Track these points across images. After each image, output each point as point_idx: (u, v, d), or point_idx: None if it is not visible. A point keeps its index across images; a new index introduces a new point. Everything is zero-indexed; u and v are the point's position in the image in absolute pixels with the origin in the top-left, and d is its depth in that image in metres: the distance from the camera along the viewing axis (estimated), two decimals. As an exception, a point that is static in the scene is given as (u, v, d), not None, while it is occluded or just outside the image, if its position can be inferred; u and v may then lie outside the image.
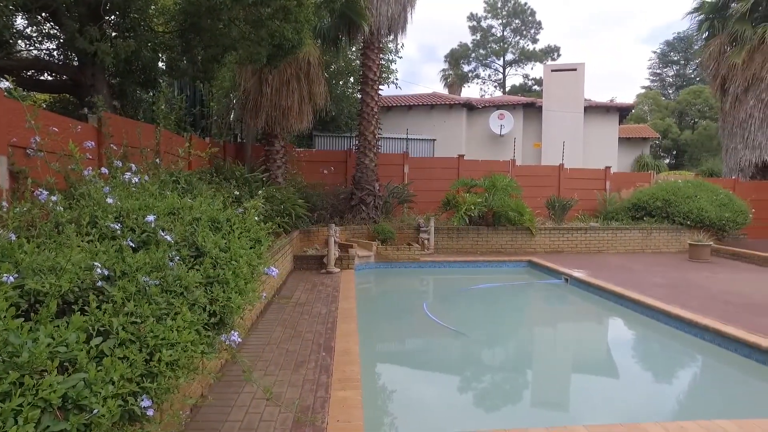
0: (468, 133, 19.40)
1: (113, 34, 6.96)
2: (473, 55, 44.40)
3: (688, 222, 13.39)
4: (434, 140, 17.44)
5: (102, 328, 1.97)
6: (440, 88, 39.10)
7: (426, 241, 12.03)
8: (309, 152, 14.27)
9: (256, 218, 3.66)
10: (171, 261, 2.51)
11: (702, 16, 19.67)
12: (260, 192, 8.23)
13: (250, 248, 3.15)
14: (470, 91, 56.70)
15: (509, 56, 44.30)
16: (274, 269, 3.16)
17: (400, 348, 6.55)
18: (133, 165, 4.21)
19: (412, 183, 14.11)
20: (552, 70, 19.13)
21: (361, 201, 12.43)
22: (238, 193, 6.63)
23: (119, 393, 1.78)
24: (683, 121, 37.69)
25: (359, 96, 13.28)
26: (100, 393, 1.70)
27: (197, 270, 2.63)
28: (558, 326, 8.10)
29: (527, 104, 19.61)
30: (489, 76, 45.87)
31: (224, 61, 7.89)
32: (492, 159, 16.42)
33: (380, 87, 13.01)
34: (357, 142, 12.91)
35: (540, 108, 19.23)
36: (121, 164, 4.24)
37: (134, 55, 6.64)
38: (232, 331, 2.48)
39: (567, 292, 9.31)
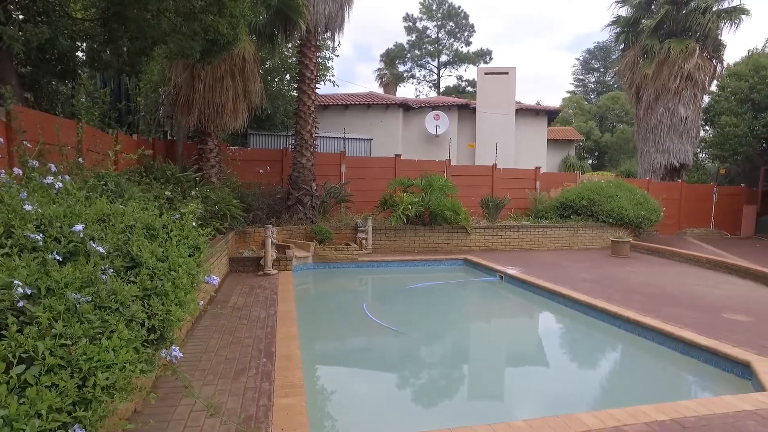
0: (404, 132, 19.61)
1: (21, 17, 6.38)
2: (409, 55, 44.91)
3: (610, 220, 14.31)
4: (371, 140, 17.48)
5: (25, 355, 1.78)
6: (376, 88, 39.28)
7: (364, 241, 12.04)
8: (244, 151, 13.84)
9: (193, 223, 3.48)
10: (104, 274, 2.32)
11: (618, 29, 21.08)
12: (193, 192, 7.89)
13: (189, 256, 2.99)
14: (406, 91, 57.34)
15: (444, 57, 45.21)
16: (215, 277, 3.02)
17: (342, 350, 6.50)
18: (53, 165, 3.87)
19: (349, 183, 14.06)
20: (485, 73, 19.75)
21: (298, 201, 12.23)
22: (170, 194, 6.30)
23: (47, 428, 1.61)
24: (604, 125, 40.13)
25: (296, 94, 13.05)
26: (24, 430, 1.53)
27: (133, 282, 2.45)
28: (494, 322, 8.39)
29: (462, 105, 20.12)
30: (424, 76, 46.63)
31: (153, 55, 7.46)
32: (428, 159, 16.68)
33: (317, 85, 12.85)
34: (294, 141, 12.67)
35: (474, 109, 19.78)
36: (37, 164, 3.89)
37: (49, 43, 6.12)
38: (173, 346, 2.33)
39: (502, 289, 9.64)
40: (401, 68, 45.52)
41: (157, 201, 4.10)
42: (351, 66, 71.73)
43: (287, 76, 16.87)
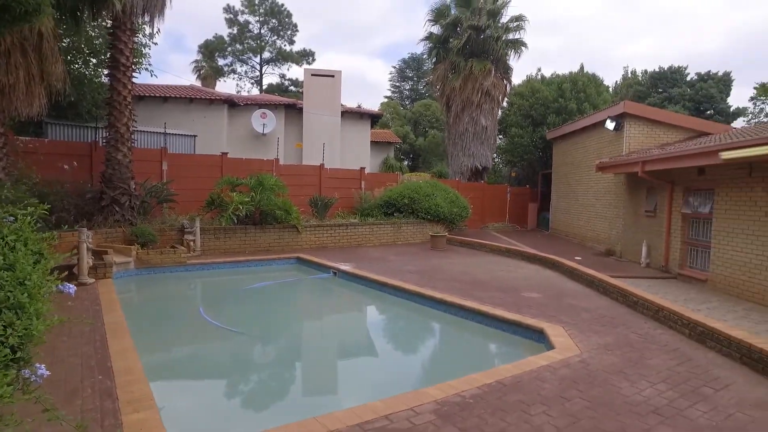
0: (230, 130, 18.91)
1: None
2: (230, 49, 43.11)
3: (429, 217, 15.89)
4: (195, 136, 16.48)
5: None
6: (193, 80, 36.91)
7: (192, 243, 11.39)
8: (41, 143, 11.87)
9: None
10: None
11: (431, 44, 23.39)
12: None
13: (35, 263, 2.62)
14: (226, 86, 54.87)
15: (266, 54, 44.50)
16: (71, 285, 2.70)
17: (186, 357, 6.15)
18: None
19: (172, 181, 13.09)
20: (312, 75, 20.12)
21: (113, 201, 10.98)
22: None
23: None
24: (417, 129, 43.88)
25: (108, 81, 11.66)
26: None
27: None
28: (332, 317, 8.75)
29: (289, 105, 20.17)
30: (246, 72, 45.27)
31: None
32: (256, 158, 16.41)
33: (134, 74, 11.68)
34: (107, 134, 11.31)
35: (301, 109, 20.00)
36: None
37: None
38: (38, 365, 2.07)
39: (336, 284, 10.07)
40: (221, 62, 43.50)
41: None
42: (162, 55, 65.80)
43: (93, 60, 14.88)
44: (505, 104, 24.14)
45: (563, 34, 79.87)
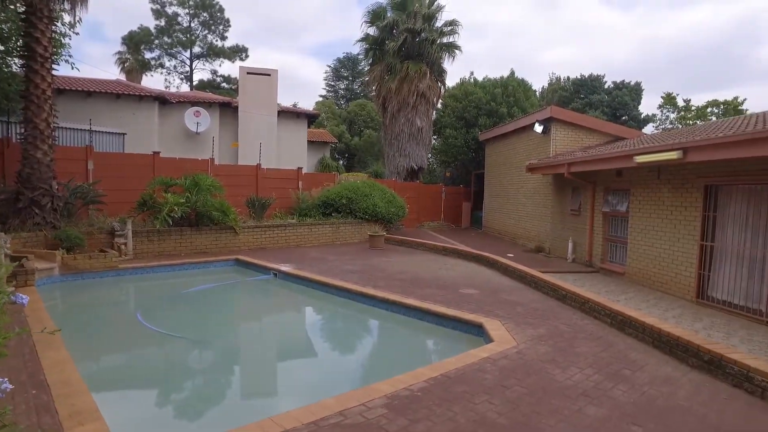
0: (162, 128, 18.15)
1: None
2: (157, 42, 41.06)
3: (367, 216, 16.07)
4: (124, 134, 15.69)
5: None
6: (116, 73, 34.99)
7: (123, 246, 10.91)
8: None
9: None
10: None
11: (367, 45, 23.61)
12: None
13: None
14: (154, 81, 52.44)
15: (197, 49, 42.83)
16: (23, 296, 2.57)
17: (128, 364, 5.91)
18: None
19: (100, 181, 12.41)
20: (247, 73, 19.70)
21: (33, 203, 10.27)
22: None
23: None
24: (353, 129, 43.99)
25: (22, 72, 10.86)
26: None
27: None
28: (276, 319, 8.71)
29: (223, 103, 19.65)
30: (175, 67, 43.30)
31: None
32: (190, 157, 15.88)
33: (54, 66, 10.96)
34: (24, 130, 10.54)
35: (236, 108, 19.55)
36: None
37: None
38: (2, 378, 1.98)
39: (277, 286, 10.01)
40: (148, 55, 41.39)
41: None
42: (78, 44, 61.50)
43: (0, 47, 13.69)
44: (439, 106, 24.82)
45: (489, 38, 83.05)
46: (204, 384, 5.49)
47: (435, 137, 26.11)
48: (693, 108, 33.04)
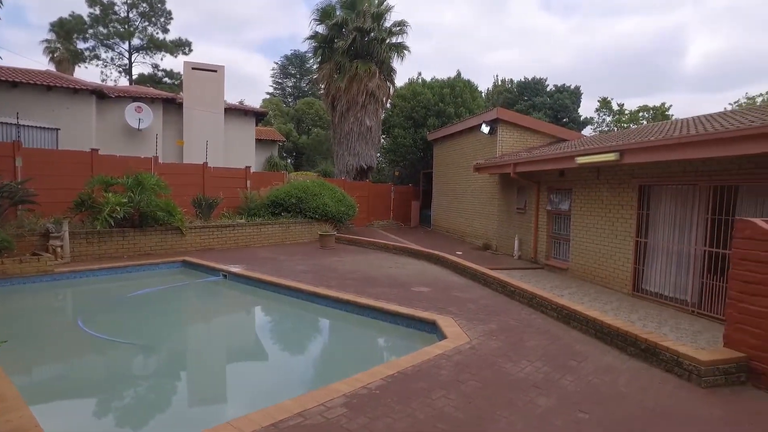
0: (100, 124, 17.27)
1: None
2: (91, 31, 38.88)
3: (317, 216, 15.99)
4: (58, 130, 14.81)
5: None
6: (45, 62, 32.93)
7: (59, 249, 10.32)
8: None
9: None
10: None
11: (316, 44, 23.43)
12: None
13: None
14: (89, 74, 49.67)
15: (136, 41, 40.95)
16: None
17: (71, 374, 5.60)
18: None
19: (30, 180, 11.64)
20: (193, 68, 19.05)
21: (-45, 203, 9.53)
22: None
23: None
24: (300, 127, 43.53)
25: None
26: None
27: None
28: (227, 321, 8.52)
29: (167, 99, 18.93)
30: (112, 59, 41.25)
31: None
32: (132, 155, 15.21)
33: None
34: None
35: (181, 104, 18.89)
36: None
37: None
38: None
39: (227, 287, 9.79)
40: (81, 45, 39.15)
41: None
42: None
43: None
44: (388, 105, 25.01)
45: (435, 39, 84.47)
46: (154, 391, 5.30)
47: (384, 137, 26.30)
48: (626, 112, 35.03)
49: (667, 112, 33.06)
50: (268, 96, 52.96)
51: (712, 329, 6.73)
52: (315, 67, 26.49)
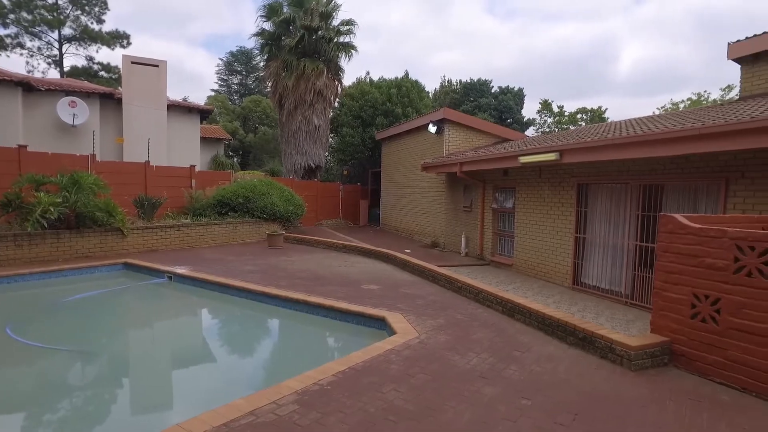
0: (27, 119, 16.23)
1: None
2: (13, 17, 36.12)
3: (265, 215, 15.77)
4: (-20, 124, 13.82)
5: None
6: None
7: (-14, 253, 9.66)
8: None
9: None
10: None
11: (263, 41, 23.05)
12: None
13: None
14: (12, 63, 46.51)
15: (68, 31, 38.62)
16: None
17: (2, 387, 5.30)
18: None
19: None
20: (132, 62, 18.22)
21: None
22: None
23: None
24: (247, 125, 42.67)
25: None
26: None
27: None
28: (173, 323, 8.29)
29: (105, 94, 18.02)
30: (39, 49, 38.71)
31: None
32: (66, 152, 14.42)
33: None
34: None
35: (120, 100, 18.05)
36: None
37: None
38: None
39: (173, 289, 9.52)
40: (2, 32, 36.45)
41: None
42: None
43: None
44: (336, 104, 24.94)
45: (382, 39, 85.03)
46: (94, 401, 5.09)
47: (332, 136, 26.21)
48: (566, 114, 36.63)
49: (603, 115, 34.85)
50: (213, 93, 51.50)
51: (644, 318, 7.22)
52: (262, 64, 25.97)
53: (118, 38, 39.68)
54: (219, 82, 55.65)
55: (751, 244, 4.46)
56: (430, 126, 15.74)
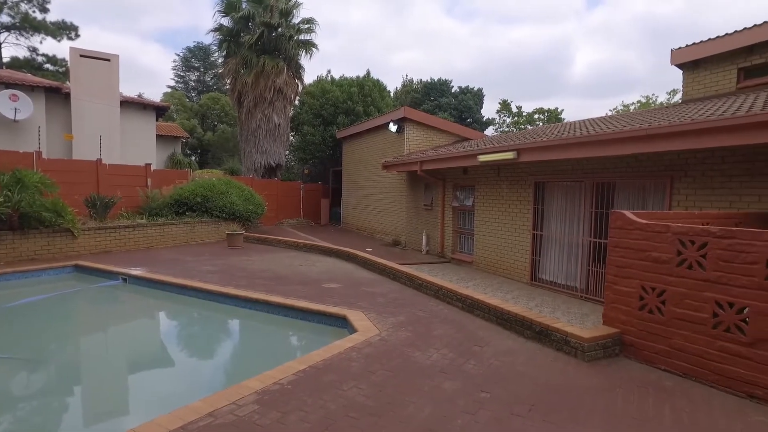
0: (-34, 114, 15.33)
1: None
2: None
3: (224, 215, 15.47)
4: None
5: None
6: None
7: None
8: None
9: None
10: None
11: (221, 37, 22.58)
12: None
13: None
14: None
15: (5, 18, 36.41)
16: None
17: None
18: None
19: None
20: (81, 56, 17.43)
21: None
22: None
23: None
24: (205, 123, 41.67)
25: None
26: None
27: None
28: (128, 327, 7.99)
29: (51, 88, 17.18)
30: (-26, 38, 36.48)
31: None
32: (7, 149, 13.70)
33: None
34: None
35: (68, 95, 17.27)
36: None
37: None
38: None
39: (128, 291, 9.21)
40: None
41: None
42: None
43: None
44: (297, 103, 24.71)
45: (342, 38, 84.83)
46: (40, 411, 4.86)
47: (293, 134, 25.95)
48: (524, 114, 37.51)
49: (560, 115, 35.87)
50: (169, 90, 50.01)
51: (597, 311, 7.50)
52: (220, 61, 25.42)
53: (64, 29, 37.86)
54: (176, 78, 54.11)
55: (692, 239, 4.71)
56: (391, 125, 15.81)
